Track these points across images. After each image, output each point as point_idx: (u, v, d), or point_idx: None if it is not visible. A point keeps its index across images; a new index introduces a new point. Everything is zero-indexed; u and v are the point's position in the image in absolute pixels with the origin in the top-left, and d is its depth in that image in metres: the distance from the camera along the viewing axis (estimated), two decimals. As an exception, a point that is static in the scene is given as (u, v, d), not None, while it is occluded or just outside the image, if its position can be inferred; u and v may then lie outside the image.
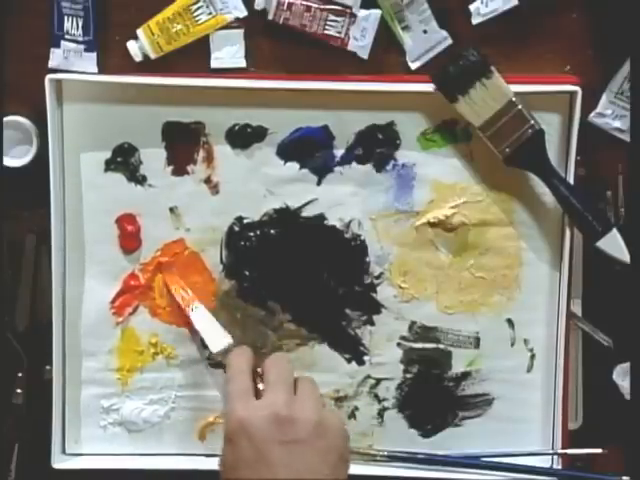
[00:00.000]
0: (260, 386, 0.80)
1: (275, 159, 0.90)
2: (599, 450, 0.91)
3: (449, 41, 0.90)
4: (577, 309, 0.92)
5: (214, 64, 0.90)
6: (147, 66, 0.90)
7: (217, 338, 0.87)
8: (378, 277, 0.92)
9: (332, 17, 0.88)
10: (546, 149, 0.88)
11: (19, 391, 0.93)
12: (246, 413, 0.76)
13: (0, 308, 0.92)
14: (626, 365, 0.91)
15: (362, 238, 0.91)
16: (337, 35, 0.89)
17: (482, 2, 0.88)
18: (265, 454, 0.74)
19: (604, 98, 0.90)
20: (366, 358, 0.92)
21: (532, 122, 0.87)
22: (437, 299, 0.92)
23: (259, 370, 0.81)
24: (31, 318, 0.93)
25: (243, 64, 0.90)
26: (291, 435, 0.75)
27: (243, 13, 0.89)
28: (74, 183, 0.91)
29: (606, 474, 0.91)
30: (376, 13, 0.89)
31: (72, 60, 0.90)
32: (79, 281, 0.91)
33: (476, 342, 0.92)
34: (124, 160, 0.91)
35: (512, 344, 0.92)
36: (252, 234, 0.91)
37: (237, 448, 0.76)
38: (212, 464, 0.90)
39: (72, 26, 0.90)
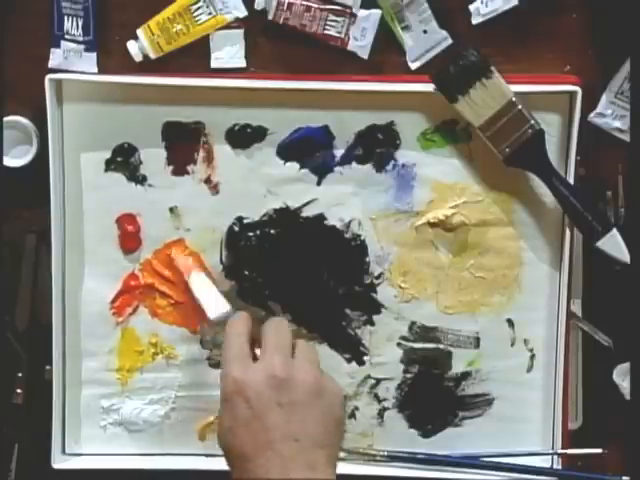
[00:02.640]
0: (257, 352, 0.79)
1: (275, 159, 0.90)
2: (599, 450, 0.91)
3: (449, 41, 0.90)
4: (577, 309, 0.92)
5: (214, 64, 0.90)
6: (147, 66, 0.90)
7: (216, 305, 0.87)
8: (378, 277, 0.92)
9: (332, 17, 0.88)
10: (546, 149, 0.88)
11: (19, 391, 0.93)
12: (243, 375, 0.76)
13: (0, 308, 0.92)
14: (626, 365, 0.91)
15: (362, 238, 0.91)
16: (337, 35, 0.89)
17: (482, 2, 0.88)
18: (262, 415, 0.75)
19: (604, 98, 0.90)
20: (366, 358, 0.92)
21: (532, 122, 0.87)
22: (437, 299, 0.92)
23: (258, 338, 0.81)
24: (31, 318, 0.93)
25: (243, 64, 0.90)
26: (288, 397, 0.75)
27: (243, 13, 0.89)
28: (74, 183, 0.91)
29: (606, 474, 0.91)
30: (376, 13, 0.89)
31: (72, 60, 0.90)
32: (79, 281, 0.91)
33: (476, 342, 0.92)
34: (124, 160, 0.91)
35: (512, 344, 0.92)
36: (252, 234, 0.91)
37: (234, 409, 0.76)
38: (212, 464, 0.90)
39: (72, 26, 0.90)
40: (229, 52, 0.90)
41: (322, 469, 0.74)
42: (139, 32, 0.89)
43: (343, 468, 0.88)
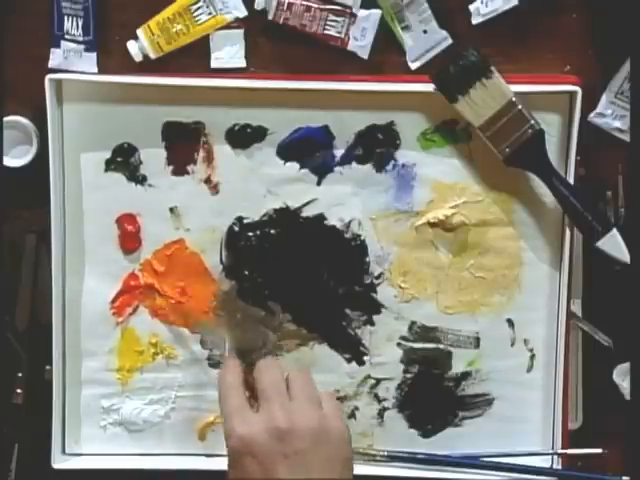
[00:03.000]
0: (247, 394, 0.80)
1: (275, 159, 0.90)
2: (599, 450, 0.91)
3: (449, 41, 0.90)
4: (577, 309, 0.92)
5: (214, 64, 0.90)
6: (147, 66, 0.90)
7: None
8: (378, 277, 0.92)
9: (332, 17, 0.88)
10: (546, 149, 0.88)
11: (19, 391, 0.93)
12: (246, 429, 0.77)
13: (0, 308, 0.92)
14: (626, 365, 0.91)
15: (362, 238, 0.91)
16: (337, 35, 0.89)
17: (482, 2, 0.88)
18: (270, 470, 0.75)
19: (604, 98, 0.90)
20: (366, 358, 0.92)
21: (532, 122, 0.87)
22: (437, 299, 0.92)
23: (250, 379, 0.81)
24: (31, 318, 0.93)
25: (243, 64, 0.90)
26: (292, 447, 0.76)
27: (243, 13, 0.89)
28: (74, 183, 0.91)
29: (606, 474, 0.91)
30: (376, 13, 0.89)
31: (72, 60, 0.90)
32: (79, 281, 0.91)
33: (476, 342, 0.92)
34: (124, 160, 0.91)
35: (512, 344, 0.92)
36: (252, 234, 0.91)
37: (243, 467, 0.76)
38: (212, 464, 0.90)
39: (72, 26, 0.90)
40: (229, 52, 0.90)
41: None
42: (139, 32, 0.89)
43: (343, 468, 0.89)
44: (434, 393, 0.93)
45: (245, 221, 0.91)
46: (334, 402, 0.82)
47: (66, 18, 0.89)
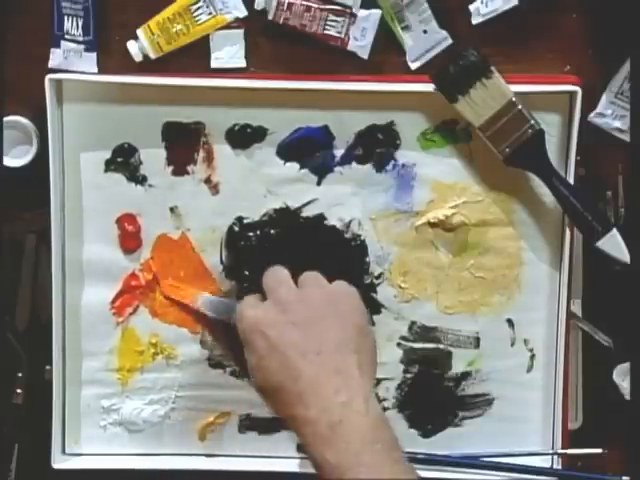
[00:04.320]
0: None
1: (275, 159, 0.90)
2: (599, 450, 0.91)
3: (449, 41, 0.90)
4: (577, 309, 0.92)
5: (214, 64, 0.90)
6: (147, 66, 0.90)
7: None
8: (378, 277, 0.92)
9: (332, 17, 0.88)
10: (546, 149, 0.88)
11: (19, 391, 0.93)
12: (254, 312, 0.78)
13: (0, 308, 0.92)
14: (626, 365, 0.91)
15: (362, 238, 0.91)
16: (337, 35, 0.89)
17: (482, 2, 0.88)
18: (279, 341, 0.76)
19: (604, 98, 0.90)
20: (366, 358, 0.92)
21: (532, 122, 0.87)
22: (437, 299, 0.92)
23: None
24: (31, 318, 0.93)
25: (243, 64, 0.90)
26: (299, 314, 0.77)
27: (243, 13, 0.89)
28: (74, 183, 0.91)
29: (606, 474, 0.91)
30: (376, 13, 0.89)
31: (72, 60, 0.90)
32: (79, 281, 0.91)
33: (476, 342, 0.92)
34: (124, 160, 0.91)
35: (512, 344, 0.92)
36: (252, 234, 0.91)
37: (254, 345, 0.77)
38: (212, 464, 0.90)
39: (72, 26, 0.90)
40: (229, 52, 0.90)
41: (351, 373, 0.75)
42: (139, 32, 0.89)
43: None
44: (434, 393, 0.93)
45: (245, 221, 0.91)
46: (346, 284, 0.82)
47: (66, 18, 0.89)
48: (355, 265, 0.92)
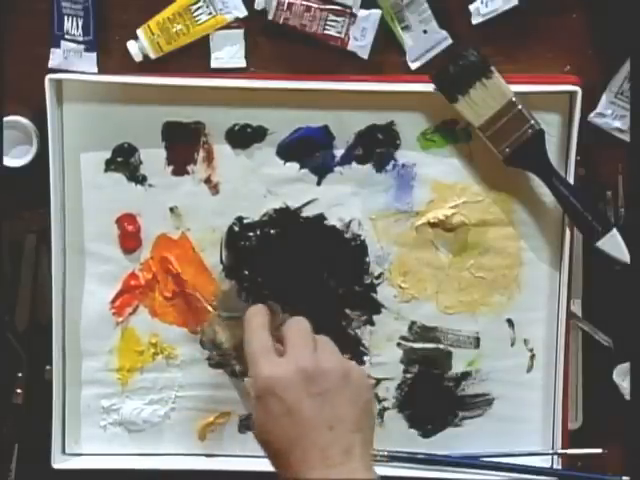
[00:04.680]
0: (277, 346, 0.80)
1: (275, 159, 0.90)
2: (599, 450, 0.91)
3: (449, 41, 0.90)
4: (577, 309, 0.92)
5: (214, 64, 0.90)
6: (147, 66, 0.90)
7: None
8: (378, 277, 0.92)
9: (332, 17, 0.88)
10: (546, 149, 0.88)
11: (19, 391, 0.93)
12: (272, 370, 0.76)
13: (0, 308, 0.92)
14: (626, 365, 0.91)
15: (362, 238, 0.91)
16: (337, 35, 0.89)
17: (482, 2, 0.88)
18: (294, 408, 0.75)
19: (604, 98, 0.90)
20: (366, 358, 0.92)
21: (532, 122, 0.87)
22: (437, 299, 0.92)
23: (276, 333, 0.82)
24: (31, 318, 0.93)
25: (243, 64, 0.90)
26: (317, 386, 0.76)
27: (243, 13, 0.89)
28: (74, 183, 0.91)
29: (606, 474, 0.91)
30: (376, 13, 0.89)
31: (72, 60, 0.90)
32: (79, 281, 0.91)
33: (476, 342, 0.92)
34: (124, 160, 0.91)
35: (512, 344, 0.92)
36: (252, 234, 0.91)
37: (267, 406, 0.76)
38: (212, 464, 0.90)
39: (72, 26, 0.90)
40: (229, 52, 0.90)
41: (358, 453, 0.75)
42: (139, 32, 0.89)
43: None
44: (434, 393, 0.93)
45: (245, 221, 0.91)
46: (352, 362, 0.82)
47: (66, 18, 0.89)
48: (355, 265, 0.92)
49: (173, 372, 0.93)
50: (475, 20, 0.89)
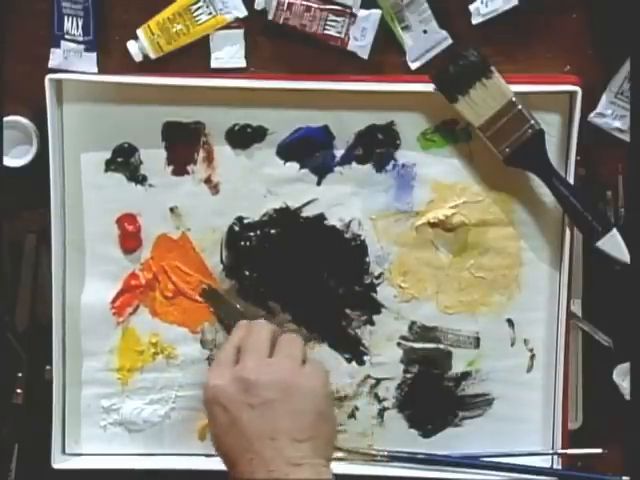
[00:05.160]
0: None
1: (275, 159, 0.90)
2: (599, 450, 0.91)
3: (449, 41, 0.90)
4: (577, 309, 0.92)
5: (214, 64, 0.90)
6: (147, 66, 0.90)
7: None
8: (378, 277, 0.92)
9: (332, 17, 0.88)
10: (546, 149, 0.88)
11: (19, 391, 0.93)
12: (217, 381, 0.79)
13: (0, 308, 0.92)
14: (626, 365, 0.91)
15: (362, 238, 0.91)
16: (337, 35, 0.89)
17: (482, 2, 0.88)
18: (237, 419, 0.77)
19: (604, 98, 0.90)
20: (366, 358, 0.92)
21: (532, 122, 0.87)
22: (437, 299, 0.92)
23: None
24: (31, 318, 0.93)
25: (243, 64, 0.90)
26: (258, 397, 0.77)
27: (243, 13, 0.89)
28: (74, 183, 0.91)
29: (606, 474, 0.91)
30: (376, 13, 0.89)
31: (72, 60, 0.90)
32: (79, 281, 0.91)
33: (476, 342, 0.92)
34: (124, 160, 0.91)
35: (512, 344, 0.92)
36: (252, 234, 0.91)
37: (214, 415, 0.79)
38: (212, 464, 0.90)
39: (72, 26, 0.90)
40: (229, 52, 0.90)
41: (308, 463, 0.75)
42: (139, 32, 0.89)
43: (343, 468, 0.89)
44: (434, 393, 0.93)
45: (245, 221, 0.91)
46: (318, 365, 0.83)
47: (66, 18, 0.89)
48: (355, 265, 0.92)
49: (173, 372, 0.93)
50: (475, 20, 0.89)
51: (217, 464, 0.90)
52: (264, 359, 0.80)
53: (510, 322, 0.92)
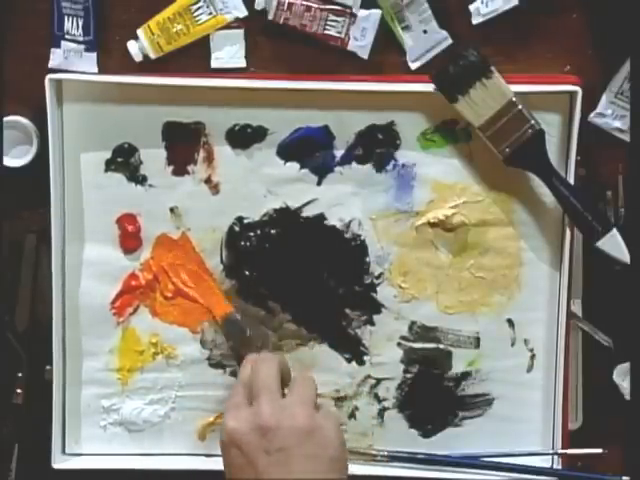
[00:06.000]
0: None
1: (275, 159, 0.90)
2: (599, 450, 0.91)
3: (449, 41, 0.90)
4: (577, 309, 0.92)
5: (214, 64, 0.90)
6: (147, 66, 0.90)
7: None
8: (378, 277, 0.92)
9: (332, 17, 0.88)
10: (546, 149, 0.88)
11: (19, 391, 0.93)
12: (235, 424, 0.79)
13: (0, 308, 0.92)
14: (626, 365, 0.91)
15: (362, 238, 0.91)
16: (337, 35, 0.89)
17: (482, 2, 0.88)
18: (253, 463, 0.77)
19: (604, 98, 0.90)
20: (366, 358, 0.92)
21: (532, 122, 0.87)
22: (437, 299, 0.92)
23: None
24: (31, 318, 0.93)
25: (243, 64, 0.90)
26: (274, 444, 0.77)
27: (243, 13, 0.89)
28: (74, 183, 0.91)
29: (606, 474, 0.91)
30: (376, 13, 0.89)
31: (72, 60, 0.90)
32: (79, 281, 0.91)
33: (476, 342, 0.92)
34: (124, 160, 0.91)
35: (512, 344, 0.92)
36: (252, 234, 0.91)
37: (230, 457, 0.78)
38: (212, 464, 0.90)
39: (72, 26, 0.90)
40: (229, 52, 0.90)
41: None
42: (139, 32, 0.89)
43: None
44: (434, 393, 0.93)
45: (245, 221, 0.91)
46: (330, 410, 0.84)
47: (66, 18, 0.89)
48: (355, 265, 0.92)
49: (173, 372, 0.93)
50: (475, 20, 0.89)
51: (217, 464, 0.90)
52: (278, 402, 0.79)
53: (510, 322, 0.92)
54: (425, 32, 0.89)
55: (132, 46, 0.89)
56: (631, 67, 0.88)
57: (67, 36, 0.90)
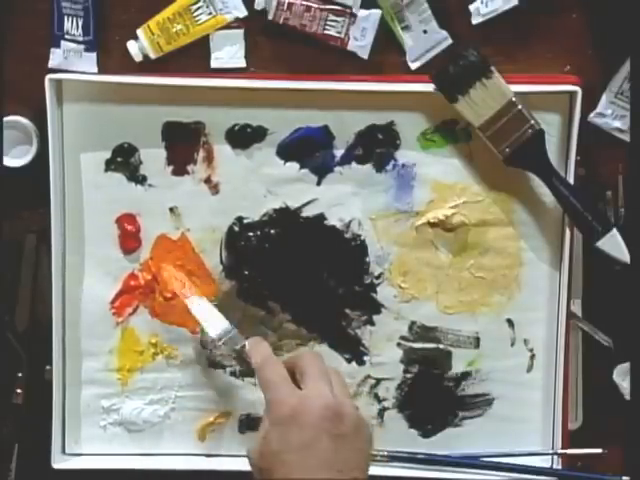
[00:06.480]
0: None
1: (275, 159, 0.90)
2: (599, 450, 0.91)
3: (449, 41, 0.90)
4: (577, 309, 0.92)
5: (214, 64, 0.90)
6: (147, 66, 0.90)
7: (216, 324, 0.87)
8: (378, 277, 0.92)
9: (332, 17, 0.88)
10: (546, 149, 0.88)
11: (19, 391, 0.93)
12: (297, 400, 0.76)
13: (0, 308, 0.92)
14: (626, 365, 0.91)
15: (362, 238, 0.91)
16: (337, 35, 0.89)
17: (482, 2, 0.88)
18: (313, 444, 0.75)
19: (604, 98, 0.90)
20: (366, 358, 0.92)
21: (532, 122, 0.87)
22: (437, 299, 0.92)
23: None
24: (31, 318, 0.93)
25: (243, 64, 0.90)
26: (338, 429, 0.76)
27: (243, 13, 0.89)
28: (74, 183, 0.91)
29: (606, 474, 0.91)
30: (376, 13, 0.89)
31: (72, 60, 0.90)
32: (79, 281, 0.91)
33: (476, 342, 0.92)
34: (124, 160, 0.91)
35: (512, 344, 0.92)
36: (252, 234, 0.91)
37: (285, 434, 0.75)
38: (212, 464, 0.90)
39: (72, 26, 0.90)
40: (229, 52, 0.90)
41: None
42: (139, 32, 0.89)
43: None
44: (434, 393, 0.93)
45: (245, 221, 0.91)
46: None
47: (66, 18, 0.89)
48: (355, 265, 0.92)
49: (173, 372, 0.93)
50: (475, 20, 0.89)
51: (217, 464, 0.90)
52: (334, 391, 0.78)
53: (510, 322, 0.92)
54: (425, 32, 0.89)
55: (132, 46, 0.89)
56: (631, 67, 0.88)
57: (67, 36, 0.90)
